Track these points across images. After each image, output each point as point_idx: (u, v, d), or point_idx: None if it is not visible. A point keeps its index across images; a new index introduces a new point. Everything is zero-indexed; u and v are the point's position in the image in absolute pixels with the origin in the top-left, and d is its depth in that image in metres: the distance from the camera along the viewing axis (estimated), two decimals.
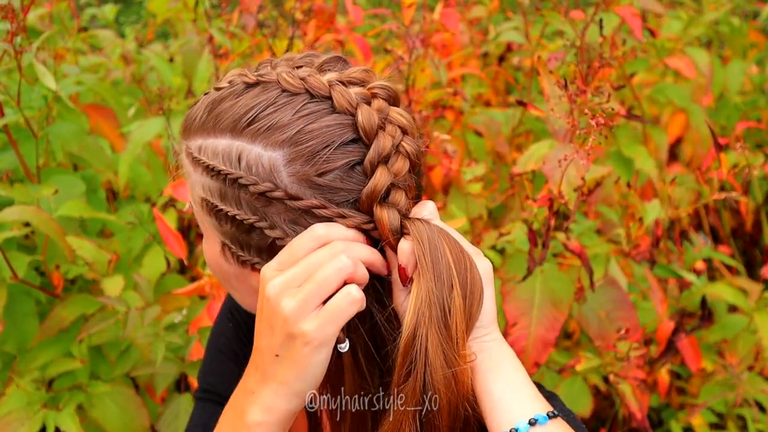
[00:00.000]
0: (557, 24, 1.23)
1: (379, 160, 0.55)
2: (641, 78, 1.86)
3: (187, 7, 1.57)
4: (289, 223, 0.56)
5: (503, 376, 0.56)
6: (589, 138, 0.88)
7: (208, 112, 0.58)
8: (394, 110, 0.58)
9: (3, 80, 1.21)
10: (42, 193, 1.15)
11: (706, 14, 1.96)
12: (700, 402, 1.36)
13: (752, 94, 2.12)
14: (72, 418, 1.02)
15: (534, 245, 1.05)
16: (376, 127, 0.55)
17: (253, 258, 0.59)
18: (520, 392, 0.55)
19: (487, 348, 0.57)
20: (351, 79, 0.58)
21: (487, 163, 1.53)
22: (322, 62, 0.60)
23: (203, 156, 0.58)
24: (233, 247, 0.59)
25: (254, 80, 0.58)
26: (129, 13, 3.42)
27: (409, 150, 0.57)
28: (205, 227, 0.62)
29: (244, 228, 0.57)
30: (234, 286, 0.64)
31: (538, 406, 0.55)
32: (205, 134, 0.58)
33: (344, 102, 0.55)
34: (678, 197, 1.76)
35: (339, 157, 0.55)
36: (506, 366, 0.56)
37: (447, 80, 1.46)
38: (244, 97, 0.57)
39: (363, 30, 1.86)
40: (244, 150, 0.55)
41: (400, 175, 0.56)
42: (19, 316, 1.12)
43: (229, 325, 0.82)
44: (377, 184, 0.55)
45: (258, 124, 0.55)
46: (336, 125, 0.55)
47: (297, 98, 0.56)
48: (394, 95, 0.59)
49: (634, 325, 1.15)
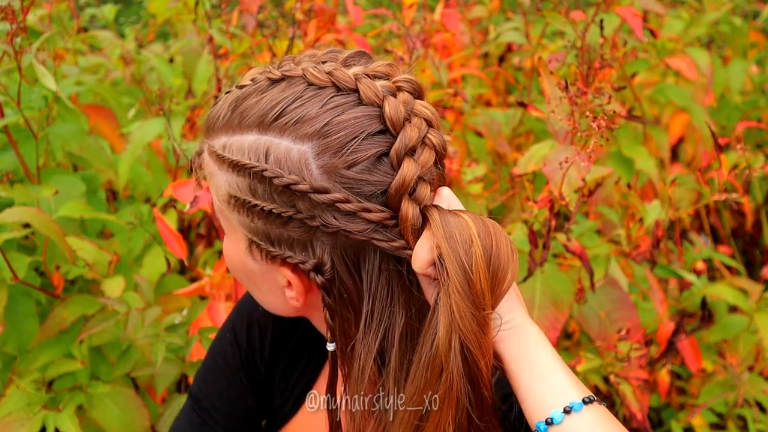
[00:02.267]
0: (558, 24, 1.23)
1: (405, 151, 0.55)
2: (642, 78, 1.86)
3: (187, 7, 1.57)
4: (324, 214, 0.55)
5: (529, 363, 0.54)
6: (591, 140, 0.88)
7: (232, 110, 0.58)
8: (419, 103, 0.58)
9: (3, 81, 1.20)
10: (42, 194, 1.15)
11: (707, 14, 1.96)
12: (701, 402, 1.36)
13: (752, 94, 2.12)
14: (72, 419, 1.02)
15: (534, 246, 1.05)
16: (402, 119, 0.56)
17: (284, 252, 0.58)
18: (550, 378, 0.53)
19: (507, 336, 0.56)
20: (376, 73, 0.58)
21: (487, 163, 1.53)
22: (347, 57, 0.60)
23: (228, 153, 0.57)
24: (262, 243, 0.59)
25: (279, 76, 0.58)
26: (129, 14, 3.42)
27: (435, 142, 0.57)
28: (230, 226, 0.62)
29: (282, 221, 0.56)
30: (258, 284, 0.64)
31: (573, 391, 0.53)
32: (230, 132, 0.58)
33: (371, 94, 0.56)
34: (678, 197, 1.76)
35: (367, 148, 0.55)
36: (534, 351, 0.55)
37: (447, 81, 1.46)
38: (270, 92, 0.57)
39: (363, 30, 1.86)
40: (272, 144, 0.55)
41: (426, 167, 0.56)
42: (19, 316, 1.12)
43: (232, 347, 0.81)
44: (406, 176, 0.55)
45: (286, 117, 0.55)
46: (364, 116, 0.55)
47: (324, 91, 0.56)
48: (418, 88, 0.59)
49: (635, 326, 1.15)
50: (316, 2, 1.41)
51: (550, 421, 0.52)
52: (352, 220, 0.55)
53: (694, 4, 2.14)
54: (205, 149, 0.61)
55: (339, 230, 0.55)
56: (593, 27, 1.18)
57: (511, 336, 0.56)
